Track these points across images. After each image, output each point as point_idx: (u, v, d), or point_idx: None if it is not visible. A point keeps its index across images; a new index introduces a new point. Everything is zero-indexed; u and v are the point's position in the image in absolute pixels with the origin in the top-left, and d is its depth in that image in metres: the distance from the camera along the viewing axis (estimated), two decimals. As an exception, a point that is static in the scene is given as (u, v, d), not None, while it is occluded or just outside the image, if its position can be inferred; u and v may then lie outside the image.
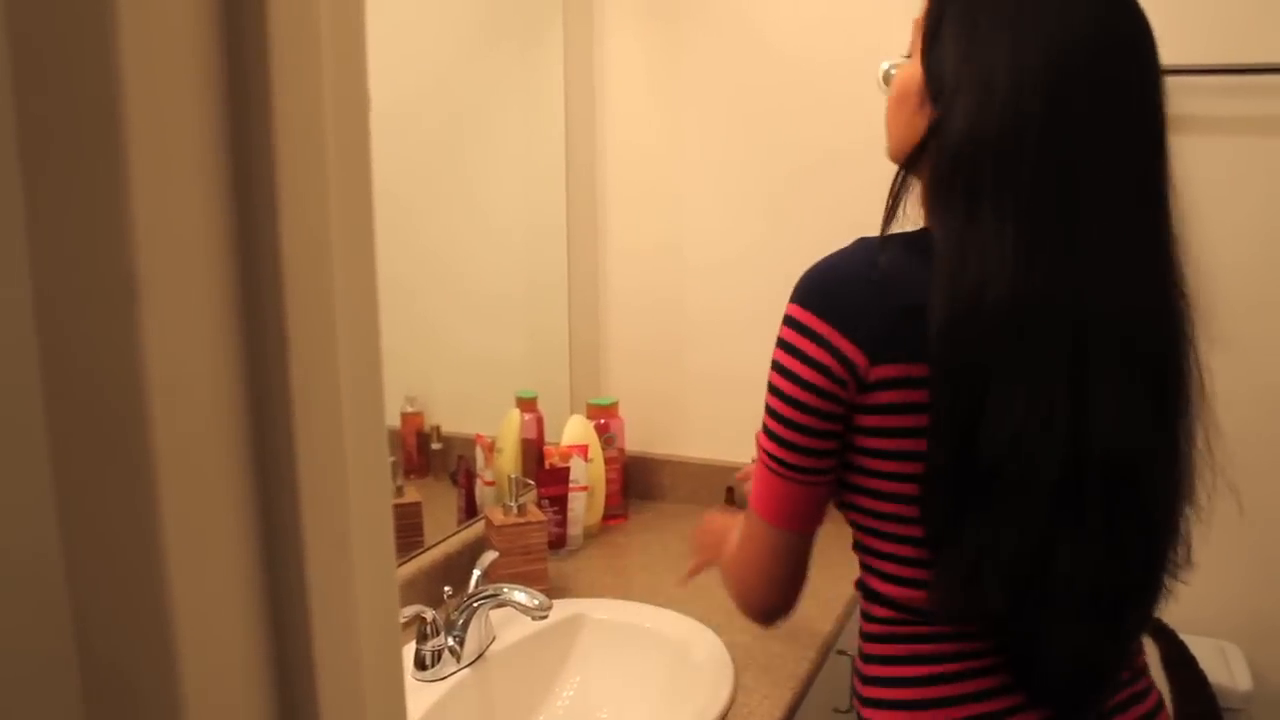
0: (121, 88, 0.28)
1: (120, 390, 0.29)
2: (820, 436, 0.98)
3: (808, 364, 0.96)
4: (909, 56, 1.00)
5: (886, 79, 1.85)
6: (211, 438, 0.31)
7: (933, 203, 0.96)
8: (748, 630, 1.51)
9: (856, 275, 0.96)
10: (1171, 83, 0.94)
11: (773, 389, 0.99)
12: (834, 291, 0.96)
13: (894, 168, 1.02)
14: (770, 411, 1.00)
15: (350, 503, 0.34)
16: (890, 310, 0.93)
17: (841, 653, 1.66)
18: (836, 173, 1.92)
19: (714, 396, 2.10)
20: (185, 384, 0.30)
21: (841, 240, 1.99)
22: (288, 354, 0.31)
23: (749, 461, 2.02)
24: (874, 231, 1.01)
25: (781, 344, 0.98)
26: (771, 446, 1.01)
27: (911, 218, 1.01)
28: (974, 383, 0.88)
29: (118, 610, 0.30)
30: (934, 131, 0.93)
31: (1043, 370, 0.87)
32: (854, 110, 1.89)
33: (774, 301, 1.98)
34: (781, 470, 1.01)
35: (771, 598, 1.08)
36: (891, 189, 1.01)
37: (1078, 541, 0.89)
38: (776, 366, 0.99)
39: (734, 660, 1.41)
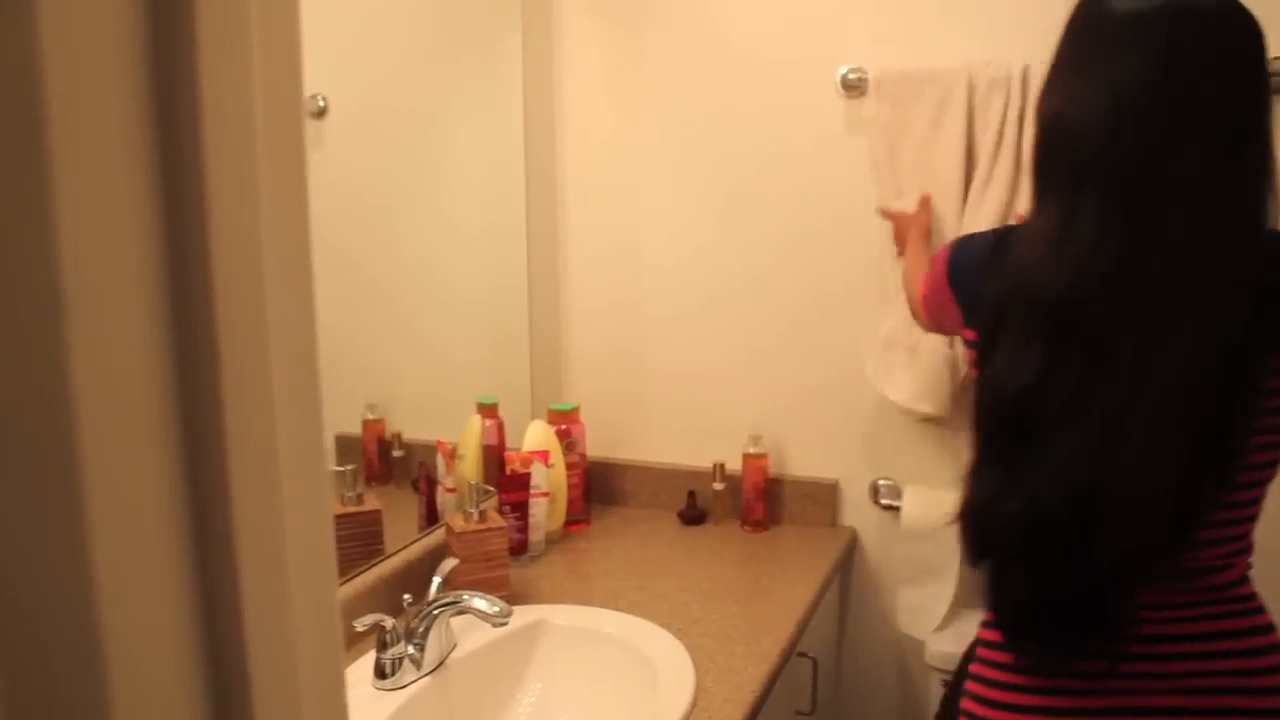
0: (44, 94, 0.28)
1: (47, 405, 0.29)
2: (942, 323, 1.31)
3: (940, 298, 1.25)
4: None
5: (845, 84, 1.86)
6: (141, 453, 0.30)
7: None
8: (709, 634, 1.52)
9: (976, 254, 1.20)
10: None
11: (928, 281, 1.29)
12: (960, 263, 1.22)
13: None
14: (926, 283, 1.31)
15: (285, 514, 0.34)
16: (983, 286, 1.13)
17: (803, 655, 1.66)
18: (793, 176, 1.93)
19: (675, 401, 2.10)
20: (114, 398, 0.30)
21: (801, 241, 2.01)
22: (219, 367, 0.31)
23: (709, 465, 2.03)
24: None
25: (933, 271, 1.27)
26: (927, 300, 1.33)
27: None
28: (984, 346, 1.11)
29: (44, 625, 0.30)
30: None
31: (1017, 337, 1.06)
32: (811, 113, 1.90)
33: (735, 305, 2.00)
34: (927, 305, 1.34)
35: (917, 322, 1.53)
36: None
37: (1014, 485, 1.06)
38: (929, 277, 1.29)
39: (695, 664, 1.42)
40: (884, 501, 1.97)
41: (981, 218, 1.70)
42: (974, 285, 1.18)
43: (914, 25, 1.83)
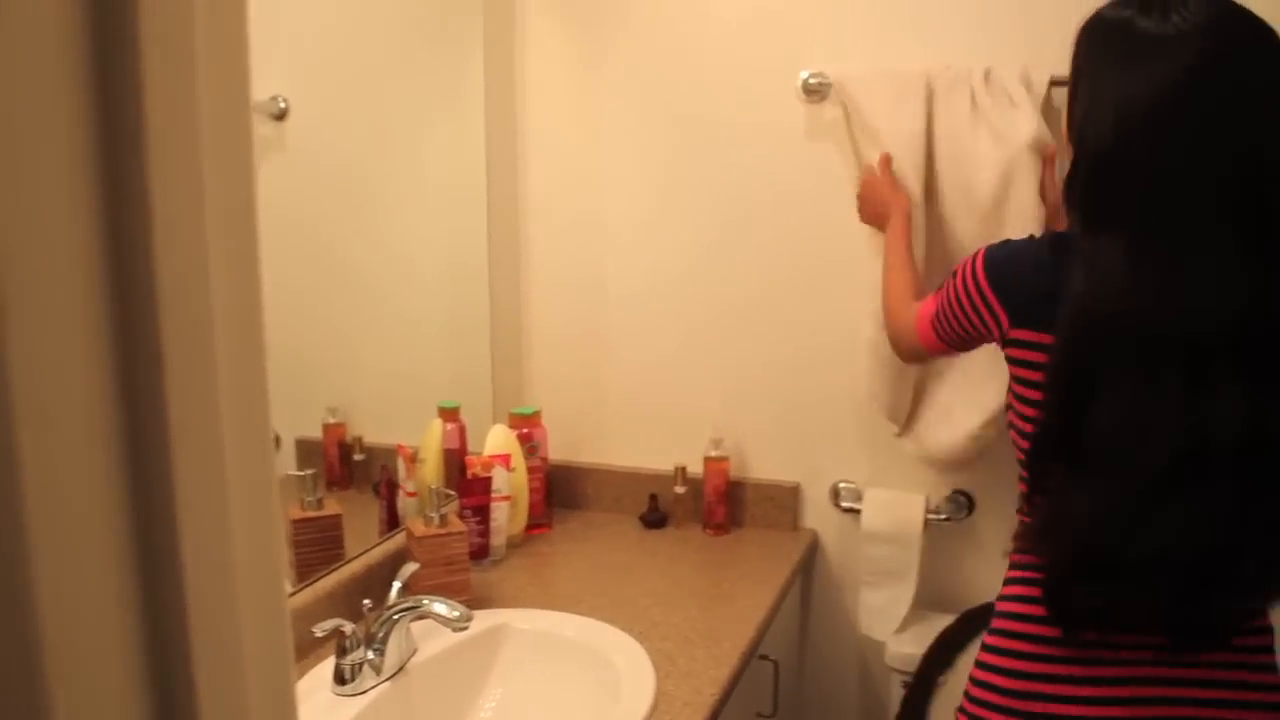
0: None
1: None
2: (964, 336, 1.33)
3: (970, 306, 1.27)
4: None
5: (806, 88, 1.87)
6: (83, 455, 0.30)
7: (1068, 213, 1.19)
8: (669, 638, 1.52)
9: (1024, 255, 1.23)
10: None
11: (946, 295, 1.32)
12: (1003, 265, 1.24)
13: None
14: (942, 299, 1.34)
15: (232, 517, 0.34)
16: (1037, 291, 1.17)
17: (764, 657, 1.67)
18: (753, 178, 1.94)
19: (636, 405, 2.11)
20: (55, 399, 0.30)
21: (759, 244, 2.02)
22: (163, 368, 0.31)
23: (671, 469, 2.03)
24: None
25: (961, 279, 1.28)
26: (939, 318, 1.35)
27: None
28: (1086, 379, 1.09)
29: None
30: (1073, 163, 1.16)
31: (1145, 372, 1.06)
32: (772, 112, 1.91)
33: (696, 306, 2.00)
34: (937, 324, 1.36)
35: (898, 354, 1.55)
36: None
37: (1181, 520, 1.05)
38: (952, 288, 1.31)
39: (656, 667, 1.42)
40: (845, 504, 1.98)
41: (962, 194, 1.71)
42: (1027, 283, 1.20)
43: (873, 34, 1.84)
